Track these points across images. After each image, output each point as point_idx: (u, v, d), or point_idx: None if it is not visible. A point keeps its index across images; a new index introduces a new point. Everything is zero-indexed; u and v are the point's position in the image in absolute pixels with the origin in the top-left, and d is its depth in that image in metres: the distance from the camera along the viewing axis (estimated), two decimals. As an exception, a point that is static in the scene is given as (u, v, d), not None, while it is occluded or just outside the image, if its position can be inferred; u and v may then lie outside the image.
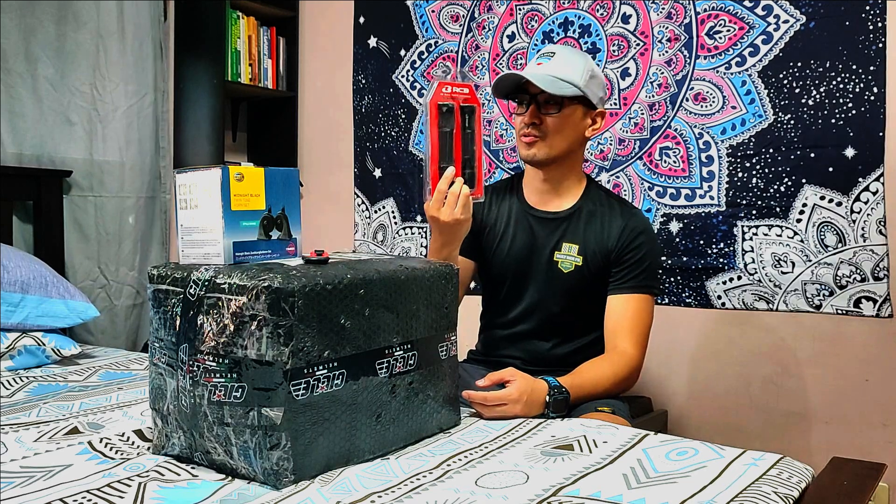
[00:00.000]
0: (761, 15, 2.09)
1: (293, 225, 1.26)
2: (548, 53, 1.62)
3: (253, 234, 1.20)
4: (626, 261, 1.61)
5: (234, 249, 1.17)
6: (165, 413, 1.15)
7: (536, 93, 1.59)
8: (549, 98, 1.58)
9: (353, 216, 2.92)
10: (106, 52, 2.58)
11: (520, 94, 1.63)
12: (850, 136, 1.97)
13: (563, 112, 1.59)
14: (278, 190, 1.23)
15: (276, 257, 1.23)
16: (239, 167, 1.18)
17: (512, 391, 1.37)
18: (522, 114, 1.62)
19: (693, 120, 2.19)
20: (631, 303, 1.60)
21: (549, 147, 1.60)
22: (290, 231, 1.26)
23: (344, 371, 1.09)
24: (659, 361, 2.27)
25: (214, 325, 1.06)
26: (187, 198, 1.20)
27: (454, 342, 1.31)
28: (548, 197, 1.69)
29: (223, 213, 1.16)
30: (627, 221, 1.63)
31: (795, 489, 1.04)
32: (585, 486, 1.04)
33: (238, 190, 1.17)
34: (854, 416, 2.01)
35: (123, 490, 1.03)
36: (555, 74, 1.57)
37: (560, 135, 1.60)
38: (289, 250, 1.25)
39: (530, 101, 1.60)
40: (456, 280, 1.31)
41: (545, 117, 1.59)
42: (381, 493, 1.01)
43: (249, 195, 1.19)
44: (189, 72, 2.84)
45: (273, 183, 1.22)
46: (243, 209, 1.18)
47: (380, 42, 2.82)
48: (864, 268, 1.97)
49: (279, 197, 1.23)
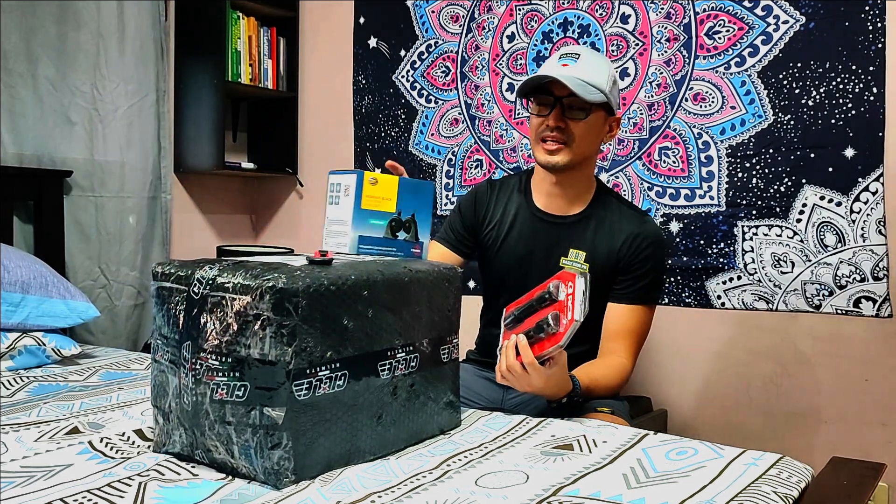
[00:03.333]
0: (761, 15, 2.09)
1: (422, 231, 1.41)
2: (572, 55, 1.55)
3: (379, 231, 1.35)
4: (633, 270, 1.58)
5: (358, 242, 1.33)
6: (167, 411, 1.15)
7: (562, 95, 1.52)
8: (576, 103, 1.51)
9: (353, 216, 2.92)
10: (106, 53, 2.58)
11: (542, 95, 1.55)
12: (850, 136, 1.97)
13: (588, 118, 1.53)
14: (410, 198, 1.39)
15: (400, 255, 1.36)
16: (375, 173, 1.35)
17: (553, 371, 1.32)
18: (544, 116, 1.55)
19: (692, 120, 2.20)
20: (633, 314, 1.58)
21: (573, 154, 1.54)
22: (418, 235, 1.40)
23: (346, 372, 1.09)
24: (659, 361, 2.27)
25: (218, 324, 1.06)
26: (334, 195, 1.37)
27: (456, 345, 1.32)
28: (558, 201, 1.64)
29: (353, 209, 1.33)
30: (638, 230, 1.59)
31: (795, 489, 1.04)
32: (585, 486, 1.04)
33: (370, 192, 1.34)
34: (854, 415, 2.01)
35: (124, 490, 1.03)
36: (584, 78, 1.50)
37: (585, 141, 1.55)
38: (414, 251, 1.40)
39: (554, 103, 1.53)
40: (459, 283, 1.32)
41: (570, 122, 1.53)
42: (381, 493, 1.02)
43: (381, 198, 1.35)
44: (189, 72, 2.84)
45: (405, 191, 1.38)
46: (373, 209, 1.34)
47: (380, 42, 2.83)
48: (863, 268, 1.97)
49: (410, 204, 1.39)
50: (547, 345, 1.28)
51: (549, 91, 1.54)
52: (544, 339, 1.29)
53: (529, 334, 1.31)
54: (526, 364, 1.29)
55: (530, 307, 1.36)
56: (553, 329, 1.27)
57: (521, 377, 1.31)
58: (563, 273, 1.35)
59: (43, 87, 2.44)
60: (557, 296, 1.31)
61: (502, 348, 1.35)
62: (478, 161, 2.61)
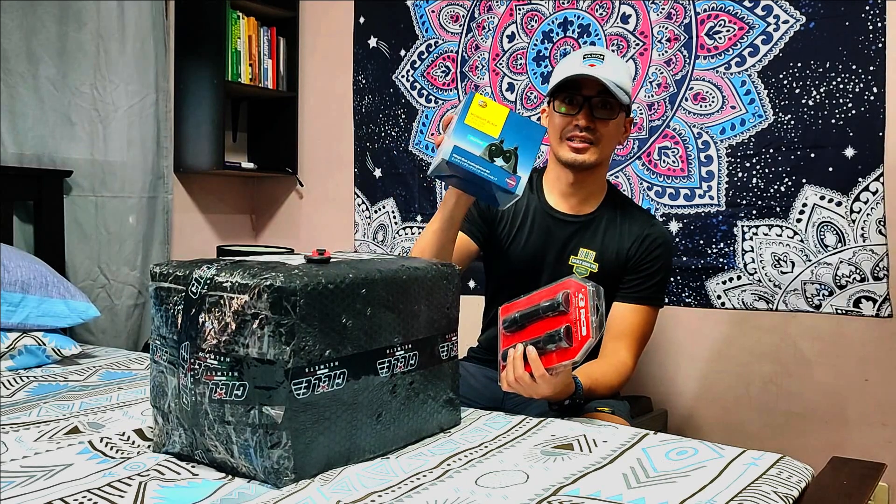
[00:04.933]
0: (761, 15, 2.09)
1: (522, 166, 1.36)
2: (597, 55, 1.56)
3: (476, 149, 1.34)
4: (640, 270, 1.60)
5: (453, 150, 1.33)
6: (166, 411, 1.15)
7: (591, 95, 1.54)
8: (607, 103, 1.54)
9: (353, 216, 2.93)
10: (107, 53, 2.59)
11: (570, 93, 1.56)
12: (850, 136, 1.97)
13: (616, 119, 1.57)
14: (517, 132, 1.37)
15: (493, 179, 1.34)
16: (486, 97, 1.38)
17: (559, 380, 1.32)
18: (573, 114, 1.56)
19: (692, 120, 2.20)
20: (637, 314, 1.59)
21: (600, 153, 1.57)
22: (517, 169, 1.36)
23: (345, 370, 1.09)
24: (659, 361, 2.27)
25: (216, 324, 1.06)
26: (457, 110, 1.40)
27: (455, 342, 1.31)
28: (571, 200, 1.66)
29: (457, 120, 1.36)
30: (647, 231, 1.62)
31: (795, 489, 1.04)
32: (585, 486, 1.04)
33: (477, 112, 1.37)
34: (854, 415, 2.01)
35: (124, 489, 1.03)
36: (613, 79, 1.52)
37: (611, 141, 1.59)
38: (509, 182, 1.35)
39: (583, 103, 1.55)
40: (457, 280, 1.32)
41: (598, 122, 1.55)
42: (381, 493, 1.02)
43: (486, 121, 1.36)
44: (189, 72, 2.84)
45: (514, 124, 1.37)
46: (475, 127, 1.35)
47: (380, 42, 2.83)
48: (863, 268, 1.97)
49: (516, 138, 1.37)
50: (556, 358, 1.28)
51: (577, 90, 1.55)
52: (553, 352, 1.29)
53: (539, 346, 1.30)
54: (537, 376, 1.29)
55: (535, 313, 1.34)
56: (564, 344, 1.27)
57: (528, 387, 1.31)
58: (570, 281, 1.33)
59: (43, 87, 2.44)
60: (567, 307, 1.30)
61: (509, 358, 1.33)
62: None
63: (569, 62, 1.59)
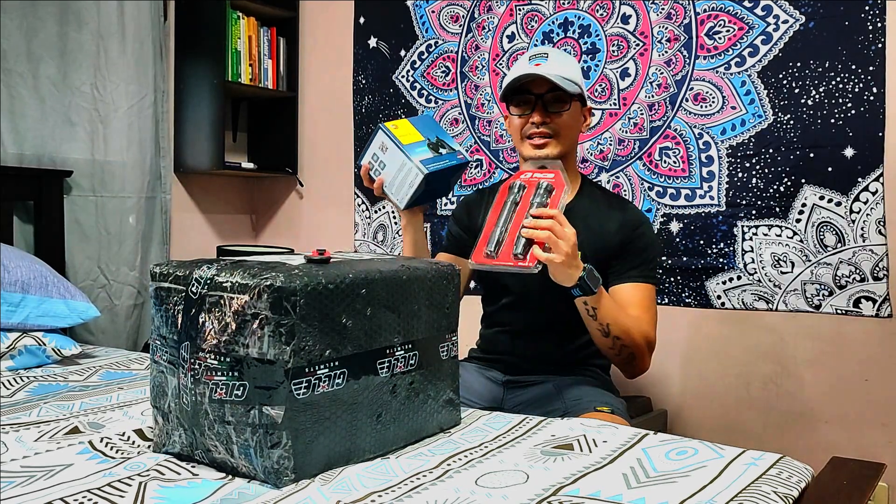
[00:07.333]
0: (761, 15, 2.09)
1: (450, 142, 1.62)
2: (541, 55, 1.63)
3: (428, 153, 1.55)
4: (629, 252, 1.61)
5: (423, 164, 1.51)
6: (166, 411, 1.15)
7: (542, 93, 1.60)
8: (557, 97, 1.60)
9: (353, 216, 2.93)
10: (107, 53, 2.59)
11: (522, 96, 1.63)
12: (850, 136, 1.97)
13: (571, 110, 1.61)
14: (424, 126, 1.61)
15: (458, 161, 1.58)
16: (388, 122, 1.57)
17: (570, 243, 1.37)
18: (527, 114, 1.62)
19: (693, 120, 2.20)
20: (638, 290, 1.60)
21: (561, 145, 1.62)
22: (452, 145, 1.61)
23: (345, 370, 1.09)
24: (659, 361, 2.27)
25: (216, 324, 1.06)
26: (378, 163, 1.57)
27: (455, 342, 1.32)
28: None
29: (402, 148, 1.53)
30: (626, 216, 1.65)
31: (795, 489, 1.04)
32: (585, 486, 1.04)
33: (399, 133, 1.55)
34: (853, 415, 2.01)
35: (124, 489, 1.03)
36: (560, 74, 1.58)
37: (570, 131, 1.63)
38: (459, 157, 1.60)
39: (535, 101, 1.61)
40: (457, 280, 1.32)
41: (554, 116, 1.61)
42: (381, 493, 1.02)
43: (408, 134, 1.56)
44: (189, 72, 2.84)
45: (418, 123, 1.60)
46: (411, 142, 1.55)
47: (380, 42, 2.83)
48: (863, 268, 1.97)
49: (428, 130, 1.60)
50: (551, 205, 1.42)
51: (527, 91, 1.62)
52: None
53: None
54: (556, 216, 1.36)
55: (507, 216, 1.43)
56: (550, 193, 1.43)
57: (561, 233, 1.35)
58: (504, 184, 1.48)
59: (43, 87, 2.44)
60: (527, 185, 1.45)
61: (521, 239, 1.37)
62: (478, 161, 2.61)
63: (517, 66, 1.66)
